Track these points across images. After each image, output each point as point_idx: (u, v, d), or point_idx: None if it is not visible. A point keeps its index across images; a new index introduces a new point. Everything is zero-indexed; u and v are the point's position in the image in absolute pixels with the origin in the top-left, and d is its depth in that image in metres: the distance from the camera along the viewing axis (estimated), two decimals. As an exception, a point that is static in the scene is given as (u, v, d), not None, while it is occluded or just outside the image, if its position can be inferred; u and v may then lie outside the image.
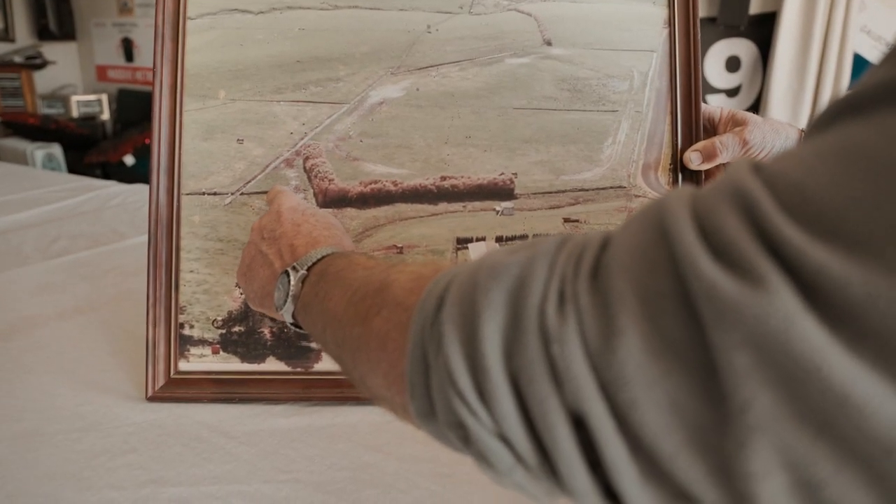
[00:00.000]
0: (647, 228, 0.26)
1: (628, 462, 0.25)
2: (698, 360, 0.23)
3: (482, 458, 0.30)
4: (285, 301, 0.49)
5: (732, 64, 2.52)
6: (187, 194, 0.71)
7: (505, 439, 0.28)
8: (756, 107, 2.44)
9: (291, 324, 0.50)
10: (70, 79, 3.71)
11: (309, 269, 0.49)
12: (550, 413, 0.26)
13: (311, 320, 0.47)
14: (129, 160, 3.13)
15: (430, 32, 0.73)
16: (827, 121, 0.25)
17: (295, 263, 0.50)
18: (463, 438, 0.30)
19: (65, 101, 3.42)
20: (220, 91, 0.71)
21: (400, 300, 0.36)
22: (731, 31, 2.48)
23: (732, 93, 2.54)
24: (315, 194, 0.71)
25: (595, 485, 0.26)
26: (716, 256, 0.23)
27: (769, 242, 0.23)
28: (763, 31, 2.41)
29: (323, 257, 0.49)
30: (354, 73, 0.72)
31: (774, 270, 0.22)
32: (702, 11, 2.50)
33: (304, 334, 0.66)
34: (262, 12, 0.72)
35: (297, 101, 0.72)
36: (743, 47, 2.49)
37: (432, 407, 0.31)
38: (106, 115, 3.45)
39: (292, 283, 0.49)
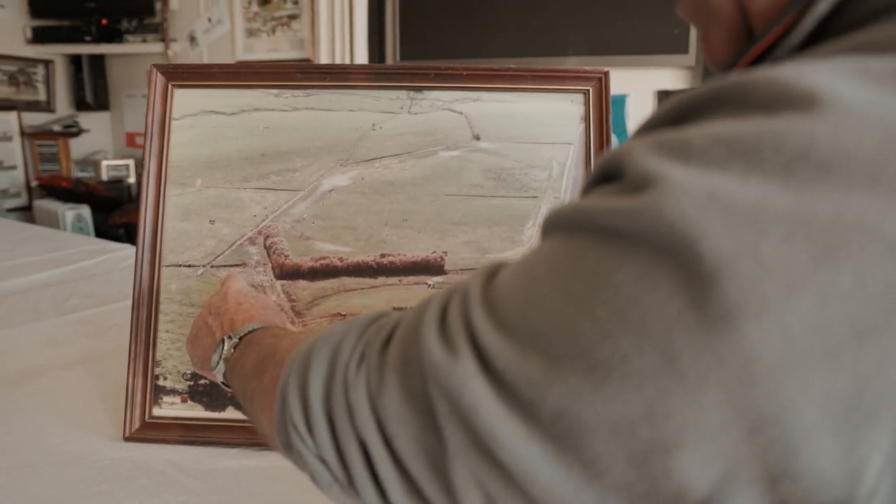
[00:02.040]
0: (417, 314, 0.36)
1: (395, 480, 0.35)
2: (427, 406, 0.32)
3: (312, 477, 0.41)
4: (218, 363, 0.60)
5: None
6: (166, 266, 0.84)
7: (323, 461, 0.39)
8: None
9: (222, 382, 0.61)
10: (102, 145, 3.95)
11: (241, 339, 0.60)
12: (348, 441, 0.37)
13: (233, 379, 0.58)
14: (152, 221, 3.31)
15: (374, 130, 0.86)
16: (541, 236, 0.34)
17: (231, 333, 0.61)
18: (301, 462, 0.41)
19: (96, 165, 3.65)
20: (198, 179, 0.85)
21: (279, 360, 0.48)
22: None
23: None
24: (273, 267, 0.83)
25: (381, 500, 0.36)
26: (441, 335, 0.33)
27: (469, 328, 0.32)
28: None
29: (253, 330, 0.60)
30: (309, 164, 0.85)
31: (466, 346, 0.31)
32: (686, 83, 2.65)
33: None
34: (233, 113, 0.86)
35: (261, 189, 0.85)
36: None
37: (288, 439, 0.42)
38: (132, 179, 3.67)
39: (225, 348, 0.60)
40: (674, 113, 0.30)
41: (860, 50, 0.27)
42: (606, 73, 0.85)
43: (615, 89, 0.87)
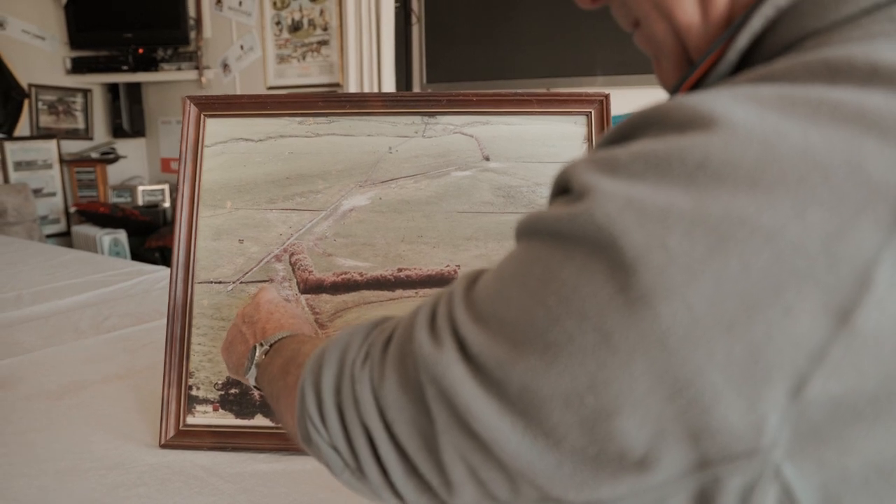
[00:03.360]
0: (412, 315, 0.41)
1: (396, 461, 0.40)
2: (420, 392, 0.37)
3: (327, 464, 0.46)
4: (250, 368, 0.65)
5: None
6: (199, 283, 0.90)
7: (335, 448, 0.44)
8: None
9: (254, 386, 0.66)
10: (138, 171, 4.09)
11: (271, 346, 0.64)
12: (355, 428, 0.42)
13: (263, 381, 0.63)
14: (186, 244, 3.42)
15: (391, 153, 0.91)
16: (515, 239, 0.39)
17: (262, 341, 0.66)
18: (317, 452, 0.46)
19: (132, 190, 3.78)
20: (228, 202, 0.91)
21: (300, 362, 0.53)
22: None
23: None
24: (298, 283, 0.89)
25: (385, 482, 0.41)
26: (430, 331, 0.38)
27: (452, 323, 0.37)
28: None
29: (282, 338, 0.65)
30: (331, 186, 0.91)
31: (450, 338, 0.36)
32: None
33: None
34: (261, 140, 0.92)
35: (286, 209, 0.91)
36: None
37: (306, 432, 0.47)
38: (167, 203, 3.79)
39: (257, 355, 0.65)
40: (615, 135, 0.35)
41: (758, 80, 0.32)
42: (607, 97, 0.90)
43: (617, 109, 0.91)
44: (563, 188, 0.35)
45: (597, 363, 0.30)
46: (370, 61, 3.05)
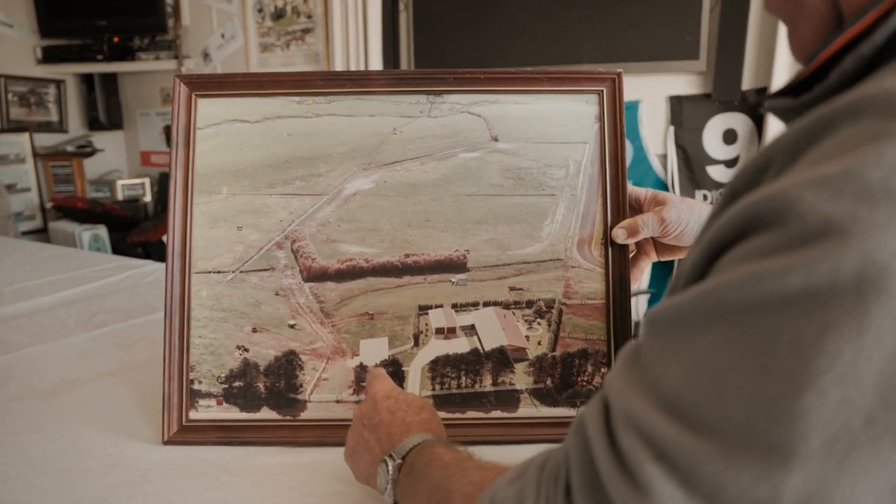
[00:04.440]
0: (583, 453, 0.35)
1: None
2: None
3: None
4: (386, 486, 0.60)
5: (729, 137, 2.65)
6: (197, 273, 0.86)
7: None
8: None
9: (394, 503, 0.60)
10: (116, 164, 4.01)
11: (404, 458, 0.59)
12: None
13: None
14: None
15: (395, 134, 0.88)
16: (688, 331, 0.32)
17: (392, 451, 0.60)
18: None
19: (111, 185, 3.69)
20: (224, 187, 0.87)
21: None
22: (726, 106, 2.62)
23: (731, 164, 2.66)
24: (301, 271, 0.86)
25: None
26: (623, 475, 0.31)
27: (653, 446, 0.30)
28: (756, 104, 2.55)
29: (414, 446, 0.59)
30: (333, 169, 0.87)
31: (657, 471, 0.29)
32: (698, 88, 2.67)
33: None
34: (257, 121, 0.88)
35: (286, 194, 0.87)
36: (738, 121, 2.63)
37: None
38: (148, 198, 3.71)
39: (390, 471, 0.59)
40: (811, 132, 0.29)
41: None
42: (619, 74, 0.87)
43: (628, 96, 0.89)
44: (769, 222, 0.28)
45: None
46: (356, 50, 3.00)
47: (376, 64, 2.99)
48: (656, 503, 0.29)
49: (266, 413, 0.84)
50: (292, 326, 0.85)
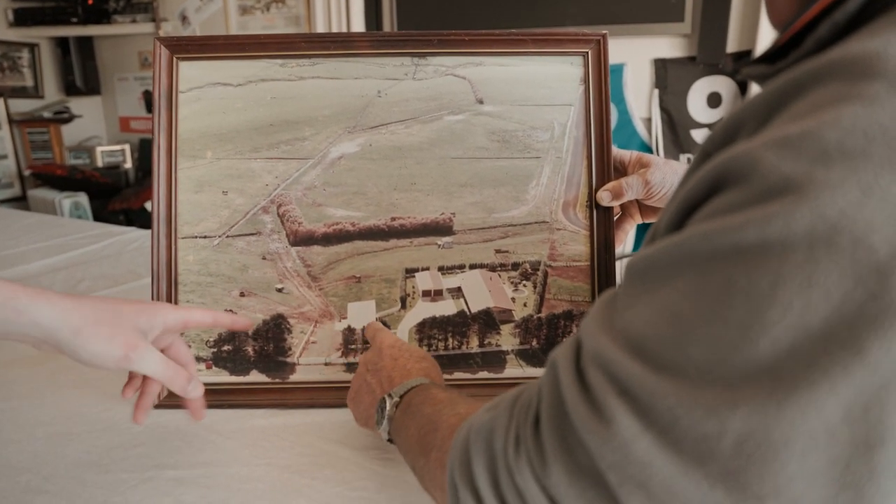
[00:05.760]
0: (553, 388, 0.37)
1: None
2: (597, 478, 0.33)
3: None
4: (383, 421, 0.61)
5: (714, 100, 2.66)
6: (183, 238, 0.86)
7: None
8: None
9: (388, 440, 0.62)
10: (95, 131, 3.94)
11: (401, 397, 0.60)
12: None
13: (398, 441, 0.59)
14: (150, 206, 3.32)
15: (380, 96, 0.88)
16: (657, 279, 0.34)
17: (391, 391, 0.61)
18: None
19: (90, 151, 3.64)
20: (208, 152, 0.87)
21: (440, 443, 0.50)
22: (711, 69, 2.61)
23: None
24: (287, 235, 0.86)
25: None
26: (588, 406, 0.33)
27: (619, 384, 0.32)
28: (735, 70, 2.55)
29: (412, 388, 0.61)
30: (318, 132, 0.87)
31: (620, 407, 0.31)
32: (683, 51, 2.66)
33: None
34: (240, 84, 0.87)
35: (271, 158, 0.87)
36: (723, 84, 2.63)
37: None
38: (129, 164, 3.66)
39: (388, 408, 0.60)
40: (773, 101, 0.30)
41: None
42: (605, 36, 0.87)
43: (613, 59, 0.88)
44: (735, 179, 0.30)
45: (853, 387, 0.26)
46: (338, 12, 2.95)
47: (359, 27, 2.94)
48: (617, 433, 0.31)
49: (255, 376, 0.85)
50: (280, 290, 0.85)
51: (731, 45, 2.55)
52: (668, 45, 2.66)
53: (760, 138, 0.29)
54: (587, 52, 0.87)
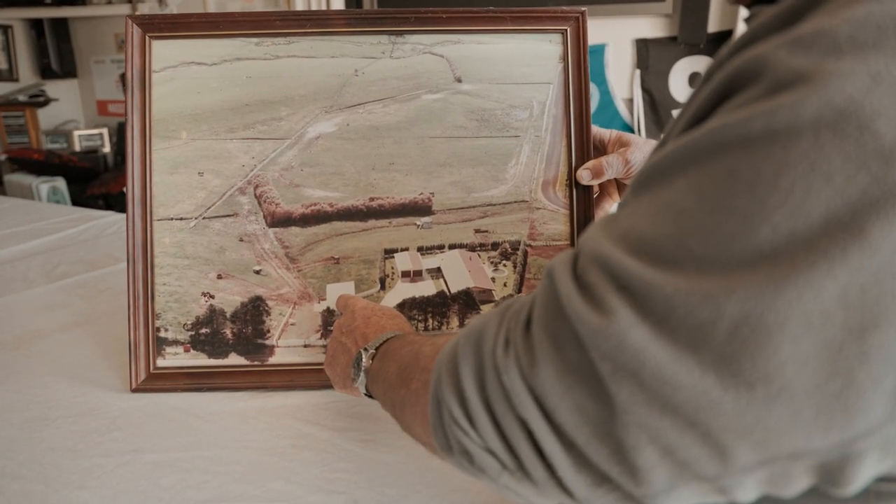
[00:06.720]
0: (549, 290, 0.36)
1: (561, 453, 0.34)
2: (587, 372, 0.32)
3: (481, 471, 0.40)
4: (358, 375, 0.60)
5: (695, 80, 2.66)
6: (158, 220, 0.85)
7: (490, 451, 0.38)
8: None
9: (365, 394, 0.61)
10: (72, 114, 3.88)
11: (377, 350, 0.60)
12: (509, 423, 0.36)
13: (377, 389, 0.58)
14: (129, 189, 3.27)
15: (357, 75, 0.86)
16: (660, 182, 0.34)
17: (366, 345, 0.61)
18: (467, 458, 0.40)
19: (68, 135, 3.58)
20: (183, 132, 0.85)
21: (424, 366, 0.49)
22: (692, 49, 2.61)
23: (696, 104, 2.66)
24: (264, 216, 0.85)
25: (551, 477, 0.36)
26: (586, 301, 0.33)
27: (616, 281, 0.32)
28: (721, 47, 2.55)
29: (386, 340, 0.60)
30: (294, 112, 0.86)
31: (617, 299, 0.31)
32: (664, 31, 2.65)
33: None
34: (215, 64, 0.86)
35: (247, 139, 0.86)
36: (704, 64, 2.62)
37: (447, 440, 0.41)
38: (107, 148, 3.61)
39: (364, 360, 0.60)
40: (795, 6, 0.30)
41: None
42: (583, 13, 0.86)
43: (594, 39, 0.87)
44: (746, 82, 0.29)
45: (850, 270, 0.26)
46: (317, -9, 2.91)
47: (338, 3, 2.90)
48: (613, 322, 0.31)
49: (234, 359, 0.84)
50: (258, 272, 0.85)
51: (713, 26, 2.55)
52: (650, 25, 2.66)
53: (773, 41, 0.29)
54: (566, 30, 0.86)
